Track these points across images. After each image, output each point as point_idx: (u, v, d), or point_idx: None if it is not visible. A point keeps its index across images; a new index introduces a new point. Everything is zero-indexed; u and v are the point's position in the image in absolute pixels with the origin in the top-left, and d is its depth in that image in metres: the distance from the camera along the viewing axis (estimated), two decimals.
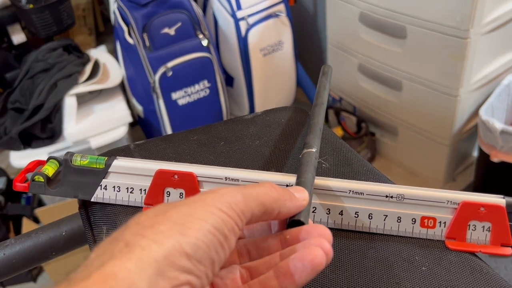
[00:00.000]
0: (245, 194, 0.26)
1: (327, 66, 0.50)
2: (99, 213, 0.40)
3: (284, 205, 0.28)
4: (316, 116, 0.42)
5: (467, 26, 1.08)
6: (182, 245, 0.22)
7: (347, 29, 1.42)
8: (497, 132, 1.12)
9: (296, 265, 0.25)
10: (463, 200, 0.35)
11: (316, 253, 0.25)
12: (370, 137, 1.52)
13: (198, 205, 0.24)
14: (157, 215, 0.24)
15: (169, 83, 1.38)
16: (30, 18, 1.36)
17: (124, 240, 0.22)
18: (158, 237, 0.22)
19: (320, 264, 0.25)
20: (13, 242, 0.46)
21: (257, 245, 0.29)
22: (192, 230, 0.23)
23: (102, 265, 0.21)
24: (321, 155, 0.44)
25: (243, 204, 0.25)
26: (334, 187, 0.36)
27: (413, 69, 1.27)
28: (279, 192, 0.28)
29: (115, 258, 0.21)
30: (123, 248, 0.22)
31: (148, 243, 0.22)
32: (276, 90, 1.60)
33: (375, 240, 0.36)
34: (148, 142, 0.48)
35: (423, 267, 0.34)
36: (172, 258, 0.22)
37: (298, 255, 0.26)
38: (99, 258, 0.22)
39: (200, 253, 0.23)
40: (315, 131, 0.40)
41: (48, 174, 0.40)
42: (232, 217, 0.24)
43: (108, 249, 0.22)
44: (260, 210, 0.26)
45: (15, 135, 1.26)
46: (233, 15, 1.42)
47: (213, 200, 0.25)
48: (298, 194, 0.29)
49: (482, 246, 0.35)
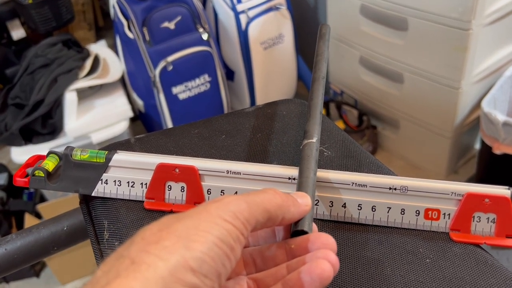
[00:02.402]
0: (249, 201, 0.26)
1: (325, 26, 0.46)
2: (100, 207, 0.40)
3: (288, 211, 0.28)
4: (315, 94, 0.41)
5: (469, 17, 1.07)
6: (187, 260, 0.22)
7: (348, 21, 1.41)
8: (500, 124, 1.11)
9: (304, 279, 0.26)
10: (467, 191, 0.35)
11: (324, 267, 0.25)
12: (372, 130, 1.51)
13: (203, 217, 0.24)
14: (161, 230, 0.24)
15: (169, 77, 1.37)
16: (29, 13, 1.36)
17: (130, 257, 0.22)
18: (163, 253, 0.22)
19: (328, 277, 0.25)
20: (14, 237, 0.46)
21: (263, 255, 0.29)
22: (197, 243, 0.23)
23: (107, 284, 0.21)
24: (322, 144, 0.44)
25: (247, 212, 0.25)
26: (337, 179, 0.36)
27: (415, 61, 1.26)
28: (282, 198, 0.28)
29: (121, 276, 0.21)
30: (129, 266, 0.22)
31: (153, 260, 0.22)
32: (277, 84, 1.59)
33: (378, 233, 0.36)
34: (148, 136, 0.47)
35: (427, 259, 0.34)
36: (177, 274, 0.22)
37: (306, 268, 0.26)
38: (105, 276, 0.22)
39: (206, 267, 0.22)
40: (315, 116, 0.39)
41: (48, 169, 0.40)
42: (237, 227, 0.24)
43: (113, 266, 0.22)
44: (264, 217, 0.26)
45: (16, 131, 1.26)
46: (233, 8, 1.41)
47: (217, 210, 0.25)
48: (300, 200, 0.29)
49: (486, 237, 0.35)
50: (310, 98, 0.41)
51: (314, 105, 0.40)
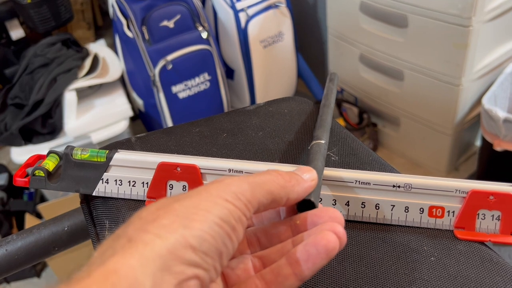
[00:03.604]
0: (251, 183, 0.25)
1: (334, 74, 0.51)
2: (101, 207, 0.39)
3: (292, 191, 0.27)
4: (325, 115, 0.43)
5: (469, 14, 1.07)
6: (186, 238, 0.21)
7: (347, 19, 1.40)
8: (500, 120, 1.11)
9: (310, 251, 0.25)
10: (472, 188, 0.34)
11: (329, 238, 0.25)
12: (372, 128, 1.51)
13: (203, 196, 0.24)
14: (159, 209, 0.23)
15: (169, 76, 1.37)
16: (28, 13, 1.35)
17: (127, 236, 0.22)
18: (162, 231, 0.21)
19: (334, 248, 0.25)
20: (15, 238, 0.46)
21: (267, 233, 0.28)
22: (196, 222, 0.22)
23: (103, 263, 0.20)
24: (329, 148, 0.44)
25: (249, 193, 0.24)
26: (340, 177, 0.36)
27: (415, 58, 1.25)
28: (285, 178, 0.27)
29: (117, 254, 0.21)
30: (126, 244, 0.21)
31: (151, 238, 0.21)
32: (277, 82, 1.59)
33: (382, 231, 0.35)
34: (149, 135, 0.47)
35: (431, 257, 0.33)
36: (177, 252, 0.21)
37: (311, 240, 0.25)
38: (101, 256, 0.21)
39: (206, 245, 0.22)
40: (324, 126, 0.40)
41: (48, 168, 0.39)
42: (239, 207, 0.24)
43: (110, 246, 0.22)
44: (268, 199, 0.25)
45: (16, 131, 1.26)
46: (232, 7, 1.41)
47: (218, 191, 0.24)
48: (306, 175, 0.28)
49: (491, 235, 0.35)
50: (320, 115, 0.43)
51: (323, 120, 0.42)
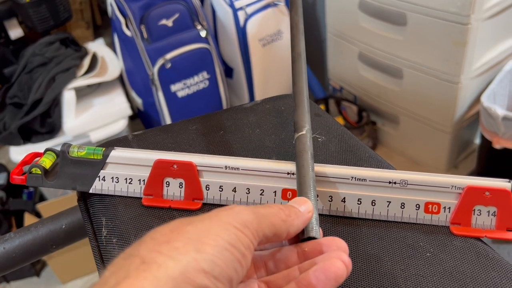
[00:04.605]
0: (256, 213, 0.26)
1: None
2: (98, 204, 0.39)
3: (292, 225, 0.28)
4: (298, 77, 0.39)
5: (468, 11, 1.07)
6: (198, 261, 0.22)
7: (346, 17, 1.40)
8: (499, 118, 1.11)
9: (319, 277, 0.25)
10: (468, 184, 0.34)
11: (338, 265, 0.25)
12: (371, 126, 1.51)
13: (214, 222, 0.24)
14: (172, 231, 0.23)
15: (168, 75, 1.37)
16: (26, 12, 1.35)
17: (140, 256, 0.22)
18: (174, 253, 0.22)
19: (342, 276, 0.25)
20: (12, 236, 0.46)
21: (274, 257, 0.29)
22: (208, 246, 0.23)
23: (117, 285, 0.20)
24: (314, 130, 0.43)
25: (256, 223, 0.25)
26: (336, 174, 0.36)
27: (414, 56, 1.25)
28: (286, 213, 0.28)
29: (131, 277, 0.21)
30: (139, 265, 0.21)
31: (164, 260, 0.21)
32: (276, 81, 1.58)
33: (378, 227, 0.35)
34: (146, 132, 0.47)
35: (427, 253, 0.33)
36: (189, 275, 0.21)
37: (321, 267, 0.26)
38: (114, 276, 0.21)
39: (217, 270, 0.22)
40: (301, 104, 0.37)
41: (45, 166, 0.39)
42: (247, 235, 0.24)
43: (123, 266, 0.22)
44: (271, 231, 0.26)
45: (15, 130, 1.26)
46: (231, 5, 1.41)
47: (228, 217, 0.25)
48: (302, 208, 0.29)
49: (487, 231, 0.35)
50: (293, 83, 0.39)
51: (298, 92, 0.38)
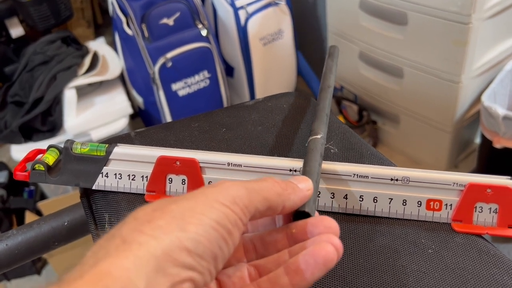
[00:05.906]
0: (248, 188, 0.25)
1: (334, 47, 0.49)
2: (101, 201, 0.40)
3: (288, 199, 0.27)
4: (322, 101, 0.42)
5: (468, 11, 1.07)
6: (182, 240, 0.21)
7: (347, 16, 1.40)
8: (500, 118, 1.11)
9: (308, 261, 0.25)
10: (469, 181, 0.34)
11: (328, 249, 0.25)
12: (372, 126, 1.51)
13: (199, 199, 0.24)
14: (155, 210, 0.23)
15: (169, 74, 1.37)
16: (27, 11, 1.35)
17: (121, 236, 0.21)
18: (157, 232, 0.21)
19: (332, 260, 0.25)
20: (15, 232, 0.46)
21: (263, 240, 0.29)
22: (192, 225, 0.22)
23: (96, 264, 0.20)
24: (327, 140, 0.44)
25: (247, 198, 0.24)
26: (338, 170, 0.36)
27: (415, 56, 1.26)
28: (282, 186, 0.27)
29: (111, 255, 0.20)
30: (120, 245, 0.21)
31: (146, 239, 0.21)
32: (277, 80, 1.59)
33: (380, 224, 0.36)
34: (149, 129, 0.47)
35: (429, 250, 0.34)
36: (172, 254, 0.21)
37: (310, 251, 0.25)
38: (94, 256, 0.21)
39: (201, 248, 0.22)
40: (321, 117, 0.39)
41: (48, 162, 0.39)
42: (235, 212, 0.24)
43: (103, 246, 0.21)
44: (264, 206, 0.25)
45: (16, 128, 1.26)
46: (232, 4, 1.41)
47: (215, 194, 0.24)
48: (302, 184, 0.28)
49: (489, 228, 0.35)
50: (317, 103, 0.41)
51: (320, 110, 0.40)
